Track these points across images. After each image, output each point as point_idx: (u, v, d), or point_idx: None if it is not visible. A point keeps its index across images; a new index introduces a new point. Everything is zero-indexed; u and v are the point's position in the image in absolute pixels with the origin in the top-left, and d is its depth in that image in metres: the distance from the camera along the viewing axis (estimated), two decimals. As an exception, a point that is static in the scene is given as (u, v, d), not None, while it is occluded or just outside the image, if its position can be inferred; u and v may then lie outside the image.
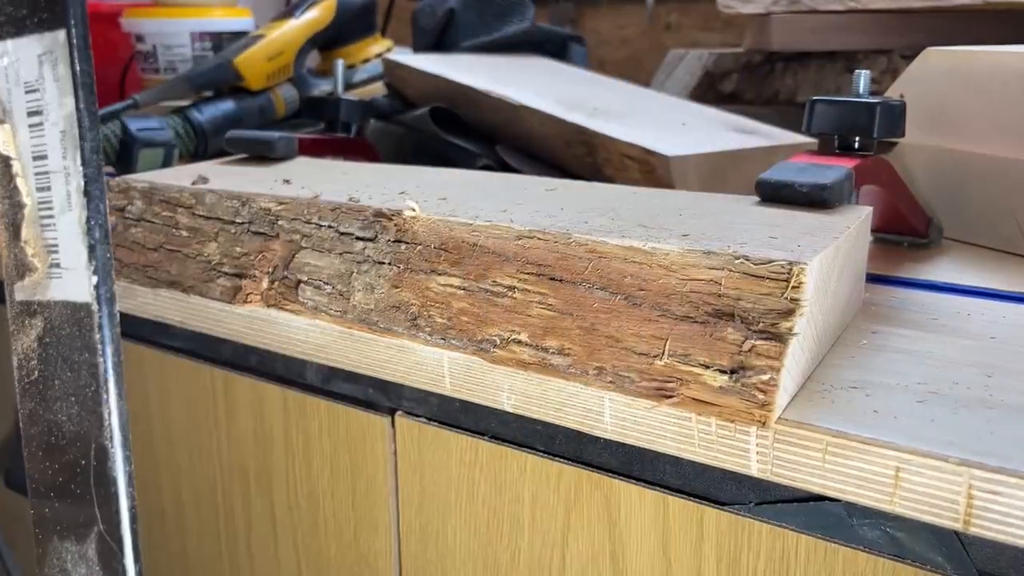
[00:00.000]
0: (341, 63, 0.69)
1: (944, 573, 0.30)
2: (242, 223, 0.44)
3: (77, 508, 0.25)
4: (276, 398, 0.48)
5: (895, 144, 0.55)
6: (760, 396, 0.29)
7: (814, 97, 0.45)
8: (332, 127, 0.67)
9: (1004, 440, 0.28)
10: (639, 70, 1.22)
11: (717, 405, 0.30)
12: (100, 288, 0.24)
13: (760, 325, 0.30)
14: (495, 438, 0.40)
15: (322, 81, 0.84)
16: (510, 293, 0.35)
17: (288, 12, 0.79)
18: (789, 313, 0.30)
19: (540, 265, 0.35)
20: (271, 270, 0.42)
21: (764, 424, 0.30)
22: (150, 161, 0.67)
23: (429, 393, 0.41)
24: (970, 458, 0.27)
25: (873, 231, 0.52)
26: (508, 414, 0.38)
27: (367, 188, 0.45)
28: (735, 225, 0.36)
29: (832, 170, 0.40)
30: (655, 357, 0.32)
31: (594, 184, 0.47)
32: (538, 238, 0.35)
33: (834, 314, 0.35)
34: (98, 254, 0.24)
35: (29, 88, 0.26)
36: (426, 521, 0.44)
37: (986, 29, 0.79)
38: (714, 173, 0.57)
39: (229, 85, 0.74)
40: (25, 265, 0.26)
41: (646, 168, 0.56)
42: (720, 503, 0.34)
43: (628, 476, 0.37)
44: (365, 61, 0.87)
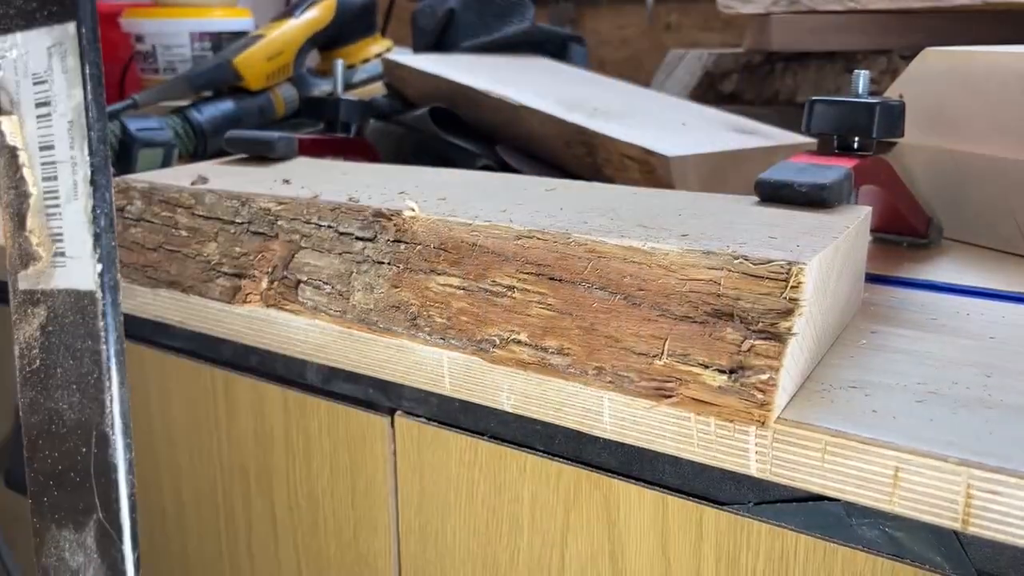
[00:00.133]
0: (341, 63, 0.69)
1: (943, 573, 0.30)
2: (242, 223, 0.44)
3: (76, 496, 0.25)
4: (276, 398, 0.48)
5: (894, 144, 0.55)
6: (759, 396, 0.29)
7: (813, 97, 0.45)
8: (332, 127, 0.67)
9: (1003, 440, 0.28)
10: (639, 70, 1.22)
11: (716, 405, 0.30)
12: (104, 276, 0.24)
13: (759, 325, 0.30)
14: (495, 438, 0.40)
15: (322, 81, 0.84)
16: (509, 293, 0.35)
17: (288, 12, 0.79)
18: (788, 313, 0.30)
19: (539, 265, 0.35)
20: (271, 270, 0.43)
21: (763, 424, 0.30)
22: (149, 161, 0.67)
23: (429, 393, 0.41)
24: (969, 458, 0.27)
25: (872, 231, 0.52)
26: (508, 414, 0.38)
27: (367, 188, 0.45)
28: (734, 225, 0.36)
29: (831, 170, 0.40)
30: (654, 357, 0.32)
31: (594, 184, 0.47)
32: (537, 238, 0.35)
33: (833, 314, 0.35)
34: (103, 242, 0.25)
35: (38, 80, 0.26)
36: (425, 521, 0.44)
37: (985, 29, 0.79)
38: (714, 173, 0.57)
39: (229, 85, 0.74)
40: (30, 254, 0.26)
41: (646, 168, 0.56)
42: (719, 503, 0.34)
43: (627, 476, 0.37)
44: (365, 61, 0.87)
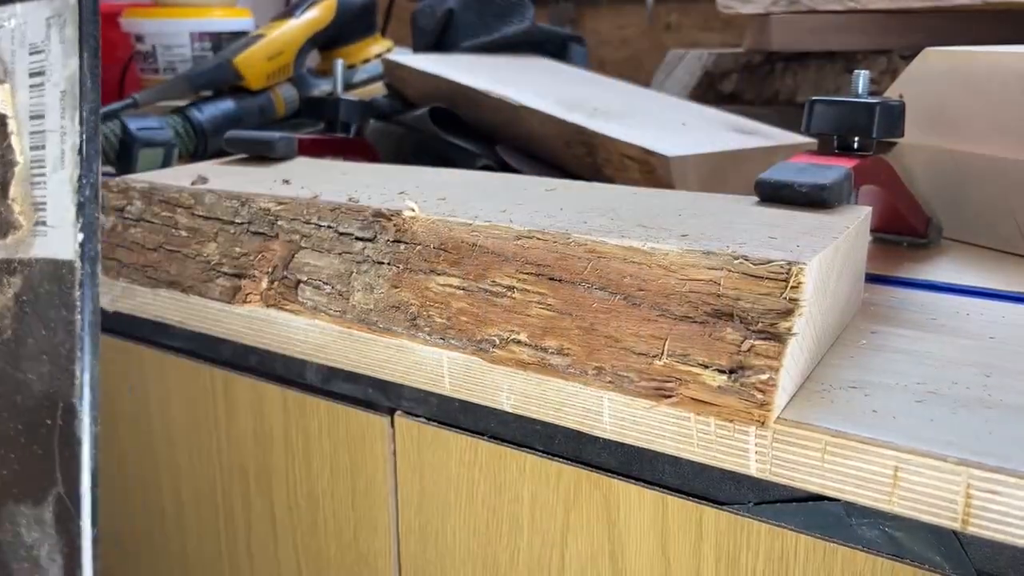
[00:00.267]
0: (341, 63, 0.69)
1: (943, 572, 0.30)
2: (241, 223, 0.44)
3: (38, 470, 0.24)
4: (276, 398, 0.48)
5: (894, 144, 0.55)
6: (759, 396, 0.29)
7: (813, 97, 0.45)
8: (332, 127, 0.67)
9: (1003, 440, 0.28)
10: (639, 70, 1.22)
11: (716, 405, 0.30)
12: (85, 245, 0.24)
13: (759, 325, 0.30)
14: (494, 438, 0.40)
15: (322, 81, 0.84)
16: (509, 293, 0.35)
17: (288, 12, 0.79)
18: (788, 313, 0.30)
19: (539, 265, 0.35)
20: (270, 270, 0.43)
21: (763, 424, 0.30)
22: (150, 161, 0.67)
23: (428, 393, 0.41)
24: (968, 458, 0.27)
25: (872, 231, 0.52)
26: (507, 414, 0.38)
27: (366, 188, 0.45)
28: (734, 225, 0.36)
29: (831, 170, 0.40)
30: (654, 357, 0.32)
31: (594, 184, 0.47)
32: (537, 238, 0.35)
33: (833, 314, 0.35)
34: (86, 212, 0.25)
35: (34, 50, 0.26)
36: (425, 521, 0.44)
37: (985, 29, 0.79)
38: (714, 173, 0.57)
39: (229, 85, 0.74)
40: (10, 223, 0.26)
41: (646, 168, 0.56)
42: (719, 503, 0.34)
43: (627, 476, 0.37)
44: (365, 61, 0.87)
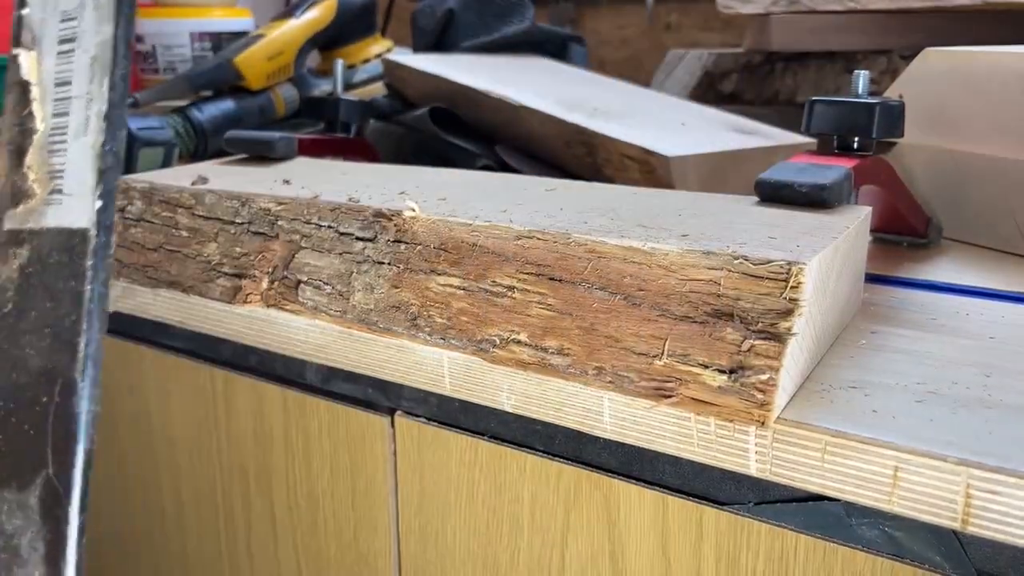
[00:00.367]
0: (341, 63, 0.69)
1: (943, 572, 0.30)
2: (242, 223, 0.44)
3: (27, 451, 0.23)
4: (276, 398, 0.48)
5: (894, 144, 0.55)
6: (759, 396, 0.29)
7: (813, 97, 0.45)
8: (332, 127, 0.67)
9: (1003, 440, 0.28)
10: (639, 70, 1.22)
11: (716, 405, 0.30)
12: (103, 214, 0.24)
13: (759, 325, 0.30)
14: (495, 438, 0.40)
15: (322, 81, 0.84)
16: (509, 293, 0.35)
17: (288, 12, 0.79)
18: (788, 313, 0.30)
19: (539, 265, 0.35)
20: (271, 270, 0.43)
21: (763, 424, 0.30)
22: (150, 160, 0.67)
23: (429, 393, 0.41)
24: (968, 458, 0.27)
25: (872, 231, 0.52)
26: (508, 414, 0.38)
27: (367, 188, 0.45)
28: (734, 225, 0.36)
29: (831, 170, 0.40)
30: (654, 357, 0.32)
31: (594, 184, 0.47)
32: (537, 238, 0.35)
33: (833, 314, 0.35)
34: (107, 180, 0.24)
35: (66, 17, 0.25)
36: (426, 521, 0.44)
37: (985, 29, 0.79)
38: (714, 173, 0.57)
39: (229, 85, 0.74)
40: (23, 192, 0.25)
41: (646, 168, 0.56)
42: (719, 503, 0.34)
43: (627, 476, 0.37)
44: (365, 61, 0.87)
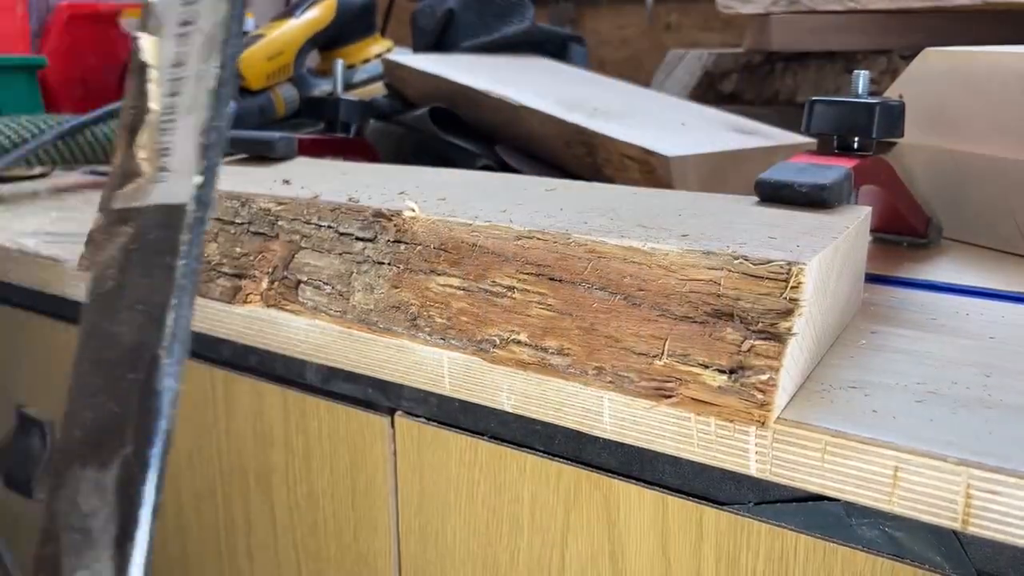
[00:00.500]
0: (341, 63, 0.69)
1: (943, 572, 0.30)
2: (242, 223, 0.44)
3: (110, 430, 0.23)
4: (276, 398, 0.48)
5: (894, 144, 0.55)
6: (759, 396, 0.29)
7: (813, 97, 0.45)
8: (332, 127, 0.67)
9: (1003, 440, 0.28)
10: (639, 70, 1.22)
11: (716, 405, 0.30)
12: (202, 190, 0.23)
13: (759, 325, 0.30)
14: (495, 438, 0.40)
15: (322, 81, 0.84)
16: (509, 293, 0.35)
17: (288, 12, 0.79)
18: (788, 313, 0.30)
19: (539, 265, 0.35)
20: (271, 270, 0.43)
21: (763, 424, 0.30)
22: (150, 161, 0.67)
23: (429, 393, 0.41)
24: (968, 458, 0.27)
25: (872, 231, 0.52)
26: (508, 414, 0.38)
27: (367, 188, 0.45)
28: (734, 225, 0.36)
29: (831, 170, 0.40)
30: (654, 357, 0.32)
31: (594, 184, 0.47)
32: (537, 238, 0.35)
33: (833, 314, 0.35)
34: (209, 156, 0.24)
35: (187, 1, 0.26)
36: (425, 521, 0.44)
37: (985, 29, 0.79)
38: (714, 173, 0.57)
39: (229, 85, 0.74)
40: (132, 171, 0.25)
41: (646, 168, 0.56)
42: (719, 503, 0.34)
43: (627, 476, 0.37)
44: (365, 61, 0.87)
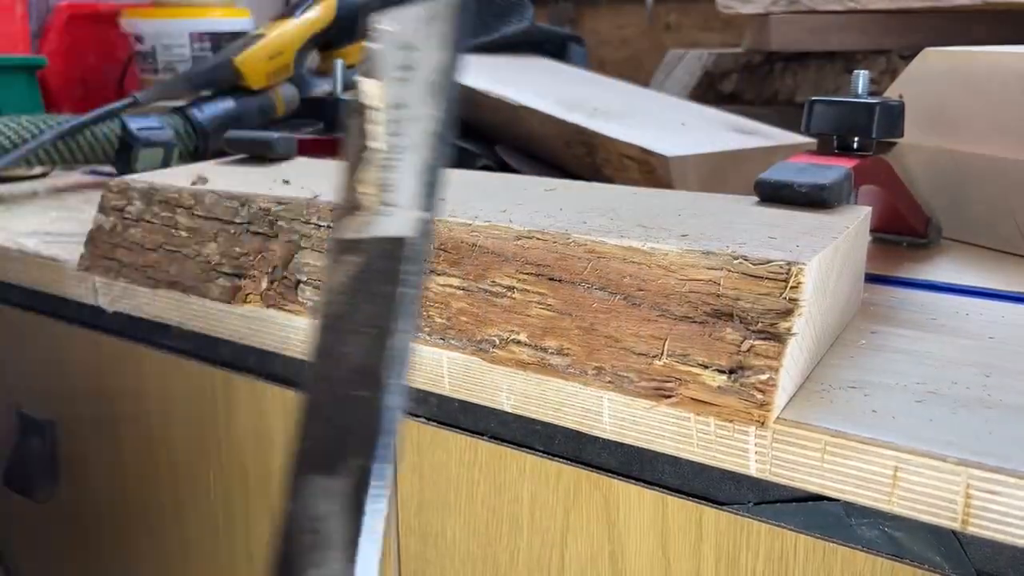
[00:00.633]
0: (341, 63, 0.69)
1: (942, 572, 0.30)
2: (241, 223, 0.44)
3: (339, 440, 0.25)
4: (276, 398, 0.48)
5: (894, 144, 0.55)
6: (759, 396, 0.29)
7: (813, 97, 0.45)
8: (332, 127, 0.67)
9: (1002, 440, 0.28)
10: (639, 70, 1.22)
11: (716, 405, 0.30)
12: (424, 224, 0.26)
13: (759, 325, 0.30)
14: (494, 438, 0.40)
15: (322, 81, 0.84)
16: (509, 293, 0.35)
17: (288, 12, 0.79)
18: (788, 313, 0.30)
19: (539, 265, 0.35)
20: (270, 270, 0.43)
21: (763, 424, 0.30)
22: (150, 161, 0.67)
23: (428, 393, 0.41)
24: (968, 458, 0.27)
25: (872, 231, 0.52)
26: (507, 414, 0.38)
27: (366, 188, 0.45)
28: (734, 225, 0.36)
29: (831, 170, 0.40)
30: (654, 357, 0.32)
31: (593, 184, 0.47)
32: (537, 238, 0.35)
33: (833, 314, 0.35)
34: (431, 192, 0.26)
35: (405, 46, 0.27)
36: (425, 521, 0.44)
37: (985, 29, 0.79)
38: (714, 173, 0.57)
39: (229, 84, 0.74)
40: (356, 204, 0.27)
41: (646, 168, 0.56)
42: (719, 503, 0.34)
43: (627, 476, 0.37)
44: (365, 61, 0.87)
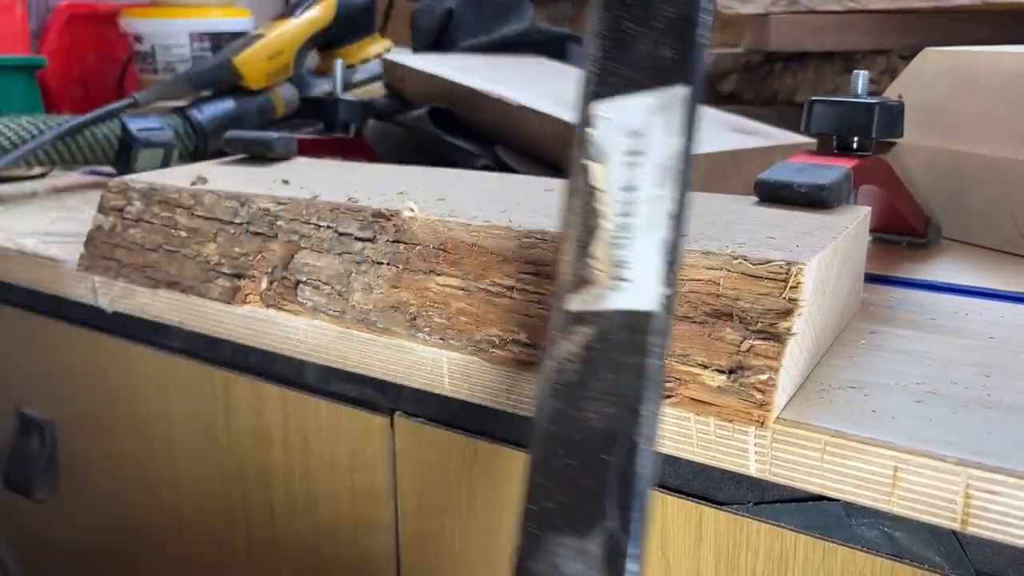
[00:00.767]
0: (340, 63, 0.69)
1: (942, 572, 0.30)
2: (241, 223, 0.44)
3: (586, 503, 0.25)
4: (275, 398, 0.48)
5: (894, 144, 0.55)
6: (758, 396, 0.29)
7: (813, 97, 0.45)
8: (331, 127, 0.67)
9: (1002, 440, 0.28)
10: (638, 70, 1.22)
11: (715, 405, 0.30)
12: (669, 298, 0.26)
13: (758, 325, 0.30)
14: (494, 438, 0.40)
15: (321, 81, 0.84)
16: (509, 293, 0.35)
17: (288, 12, 0.79)
18: (787, 313, 0.30)
19: (539, 265, 0.35)
20: (270, 270, 0.43)
21: (762, 424, 0.30)
22: (149, 161, 0.67)
23: (428, 393, 0.41)
24: (968, 458, 0.27)
25: (872, 231, 0.52)
26: (507, 414, 0.38)
27: (366, 188, 0.45)
28: (734, 225, 0.36)
29: (831, 170, 0.40)
30: (654, 357, 0.32)
31: (593, 184, 0.47)
32: (537, 238, 0.35)
33: (832, 314, 0.35)
34: (673, 268, 0.26)
35: (633, 134, 0.27)
36: (425, 521, 0.44)
37: (985, 29, 0.79)
38: (714, 173, 0.57)
39: (229, 85, 0.74)
40: (585, 279, 0.27)
41: (645, 168, 0.56)
42: (718, 503, 0.34)
43: (627, 476, 0.37)
44: (364, 61, 0.87)
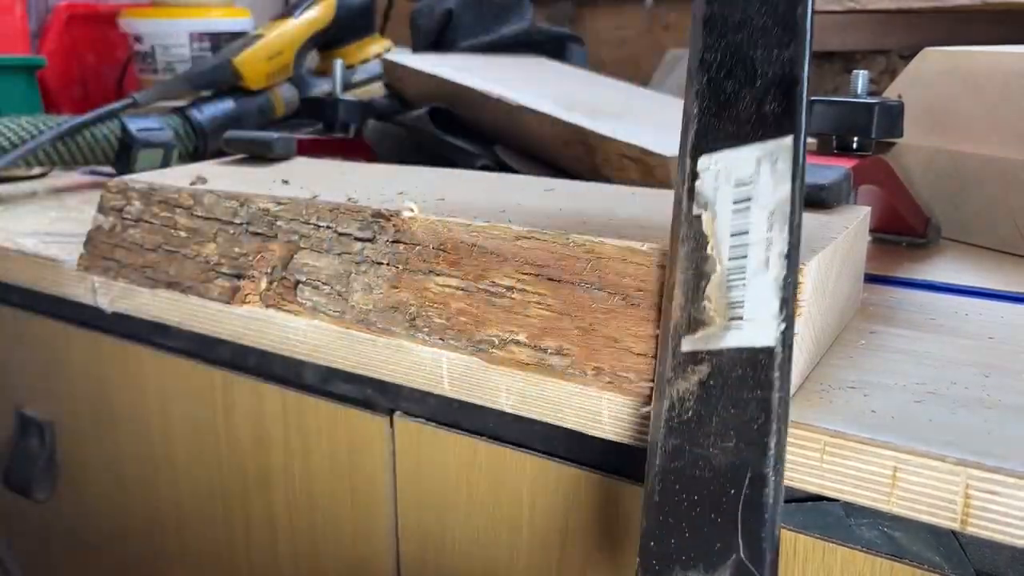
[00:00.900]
0: (340, 63, 0.69)
1: (942, 572, 0.30)
2: (240, 223, 0.44)
3: (714, 537, 0.26)
4: (275, 398, 0.48)
5: (893, 144, 0.55)
6: (758, 396, 0.29)
7: (813, 97, 0.45)
8: (331, 127, 0.67)
9: (1002, 440, 0.28)
10: (638, 70, 1.22)
11: (715, 405, 0.30)
12: (786, 333, 0.27)
13: (758, 325, 0.30)
14: (494, 438, 0.40)
15: (321, 81, 0.84)
16: (508, 293, 0.35)
17: (287, 12, 0.79)
18: (787, 313, 0.30)
19: (538, 265, 0.35)
20: (270, 270, 0.42)
21: (762, 424, 0.29)
22: (149, 161, 0.67)
23: (428, 393, 0.41)
24: (968, 458, 0.27)
25: (871, 231, 0.52)
26: (507, 414, 0.38)
27: (365, 188, 0.45)
28: (733, 225, 0.36)
29: (831, 170, 0.40)
30: (653, 357, 0.32)
31: (592, 184, 0.47)
32: (536, 238, 0.35)
33: (832, 314, 0.35)
34: (788, 305, 0.27)
35: (740, 183, 0.28)
36: (425, 522, 0.44)
37: (985, 29, 0.79)
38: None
39: (228, 85, 0.74)
40: (700, 321, 0.28)
41: (645, 168, 0.56)
42: (718, 503, 0.34)
43: (627, 476, 0.37)
44: (364, 61, 0.87)
